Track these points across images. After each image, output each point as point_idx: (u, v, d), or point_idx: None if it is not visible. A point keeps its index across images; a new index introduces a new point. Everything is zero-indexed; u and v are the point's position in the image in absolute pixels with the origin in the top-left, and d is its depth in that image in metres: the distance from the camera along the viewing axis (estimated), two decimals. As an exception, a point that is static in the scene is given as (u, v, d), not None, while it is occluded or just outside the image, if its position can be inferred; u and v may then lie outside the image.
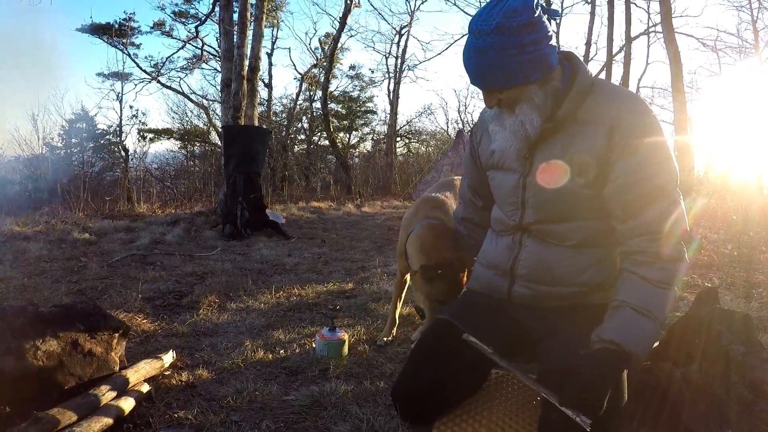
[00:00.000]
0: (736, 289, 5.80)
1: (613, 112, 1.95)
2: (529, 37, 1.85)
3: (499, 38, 1.84)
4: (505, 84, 1.93)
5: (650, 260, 1.92)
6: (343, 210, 13.51)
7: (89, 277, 5.87)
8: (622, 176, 1.94)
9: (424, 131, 31.62)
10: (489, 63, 1.89)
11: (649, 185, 1.92)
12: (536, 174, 2.07)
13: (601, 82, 2.05)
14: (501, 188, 2.27)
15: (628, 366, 1.88)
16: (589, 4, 21.72)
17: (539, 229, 2.17)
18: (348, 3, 21.92)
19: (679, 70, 10.80)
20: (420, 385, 2.21)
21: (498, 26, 1.83)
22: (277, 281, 5.91)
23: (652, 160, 1.93)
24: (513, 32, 1.83)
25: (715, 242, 8.31)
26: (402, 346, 3.91)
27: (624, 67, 18.76)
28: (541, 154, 2.08)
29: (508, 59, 1.86)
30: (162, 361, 3.37)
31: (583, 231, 2.10)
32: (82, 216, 10.62)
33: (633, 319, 1.87)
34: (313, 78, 27.64)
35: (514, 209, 2.21)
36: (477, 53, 1.90)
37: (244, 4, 11.50)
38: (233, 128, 10.47)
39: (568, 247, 2.13)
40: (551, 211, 2.12)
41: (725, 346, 2.53)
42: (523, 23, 1.83)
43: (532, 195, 2.14)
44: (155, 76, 25.46)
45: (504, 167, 2.23)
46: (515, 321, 2.32)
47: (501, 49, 1.84)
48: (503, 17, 1.83)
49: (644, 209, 1.93)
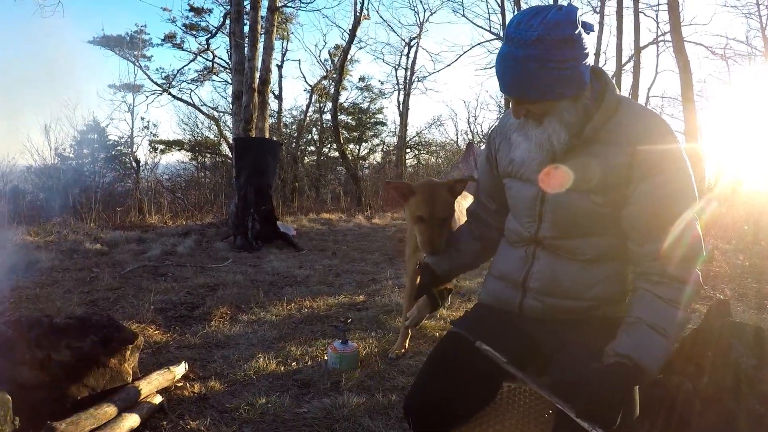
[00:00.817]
0: (748, 300, 5.78)
1: (637, 135, 1.93)
2: (570, 53, 1.83)
3: (539, 50, 1.80)
4: (540, 97, 1.90)
5: (666, 281, 1.91)
6: (353, 222, 13.52)
7: (101, 287, 5.90)
8: (642, 200, 1.93)
9: (433, 143, 31.61)
10: (526, 74, 1.85)
11: (669, 212, 1.91)
12: (549, 180, 2.06)
13: (626, 102, 2.02)
14: (519, 199, 2.26)
15: (641, 381, 1.87)
16: (598, 14, 21.78)
17: (554, 244, 2.17)
18: (357, 15, 21.99)
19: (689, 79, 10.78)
20: (432, 397, 2.21)
21: (540, 38, 1.79)
22: (289, 293, 5.92)
23: (673, 186, 1.91)
24: (554, 46, 1.80)
25: (727, 252, 8.28)
26: (414, 359, 3.91)
27: (633, 76, 18.76)
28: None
29: (546, 72, 1.83)
30: (174, 373, 3.38)
31: (598, 247, 2.10)
32: (93, 227, 10.67)
33: (648, 335, 1.87)
34: (323, 90, 27.70)
35: (530, 221, 2.21)
36: (515, 63, 1.86)
37: (255, 18, 11.57)
38: (244, 140, 10.52)
39: (580, 261, 2.13)
40: (568, 227, 2.12)
41: (736, 358, 2.52)
42: (564, 38, 1.81)
43: (550, 210, 2.13)
44: (166, 87, 25.56)
45: (523, 178, 2.22)
46: (526, 334, 2.31)
47: (540, 61, 1.81)
48: (545, 29, 1.80)
49: (661, 234, 1.91)
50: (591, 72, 2.01)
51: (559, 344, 2.16)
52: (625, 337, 1.90)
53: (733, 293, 6.04)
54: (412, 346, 4.16)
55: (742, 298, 5.86)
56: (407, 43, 28.46)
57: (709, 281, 6.59)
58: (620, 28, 18.10)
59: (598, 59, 22.12)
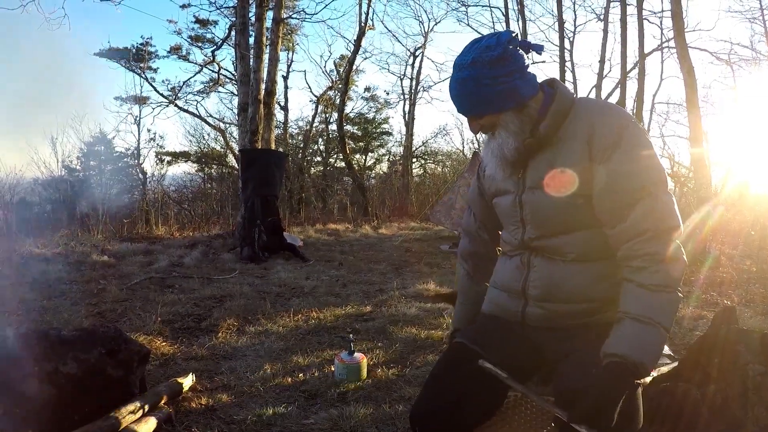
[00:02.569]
0: (755, 305, 5.77)
1: (590, 122, 2.03)
2: (501, 70, 2.01)
3: (474, 71, 2.02)
4: (482, 111, 2.09)
5: (645, 264, 1.92)
6: (360, 232, 13.54)
7: (108, 299, 5.92)
8: (604, 181, 1.98)
9: (439, 152, 31.62)
10: (467, 93, 2.07)
11: (631, 185, 1.94)
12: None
13: (581, 101, 2.14)
14: (504, 212, 2.32)
15: (636, 376, 1.88)
16: (602, 21, 21.79)
17: (541, 245, 2.20)
18: (362, 25, 22.04)
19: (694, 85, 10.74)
20: (438, 408, 2.22)
21: (474, 60, 2.02)
22: (296, 304, 5.93)
23: (630, 161, 1.96)
24: (486, 66, 2.00)
25: (734, 258, 8.27)
26: (420, 369, 3.91)
27: (638, 83, 18.67)
28: (530, 174, 2.14)
29: (482, 89, 2.03)
30: (182, 385, 3.39)
31: (582, 243, 2.12)
32: (100, 238, 10.72)
33: (634, 328, 1.88)
34: (328, 100, 27.77)
35: (516, 228, 2.26)
36: (457, 84, 2.08)
37: (260, 30, 11.63)
38: (250, 152, 10.56)
39: (572, 261, 2.15)
40: (549, 225, 2.15)
41: (743, 365, 2.52)
42: (495, 57, 2.00)
43: (528, 212, 2.18)
44: (172, 99, 25.68)
45: (502, 192, 2.29)
46: (530, 343, 2.32)
47: (476, 80, 2.02)
48: (478, 53, 2.02)
49: (630, 210, 1.94)
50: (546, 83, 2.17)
51: (563, 351, 2.17)
52: (613, 336, 1.92)
53: (740, 299, 6.03)
54: (419, 356, 4.16)
55: (749, 303, 5.85)
56: (412, 53, 28.56)
57: (716, 287, 6.58)
58: (624, 36, 18.09)
59: (602, 66, 22.15)
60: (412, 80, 28.56)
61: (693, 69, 10.88)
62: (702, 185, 10.72)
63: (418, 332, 4.77)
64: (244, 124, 11.56)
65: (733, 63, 21.05)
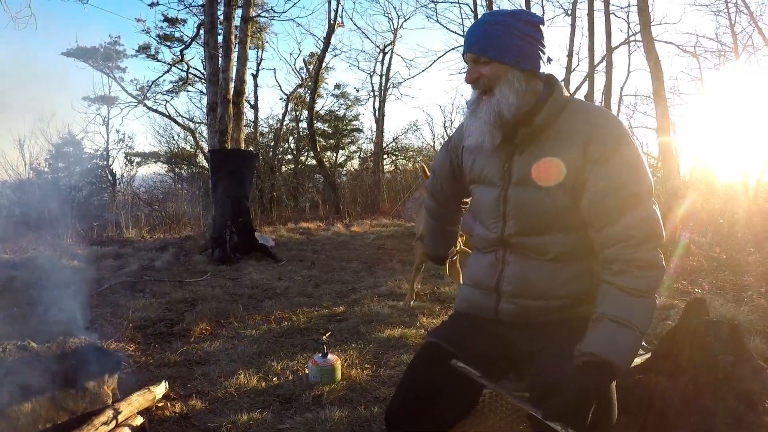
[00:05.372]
0: (725, 293, 5.86)
1: (587, 127, 2.03)
2: (532, 32, 2.06)
3: (509, 19, 2.06)
4: (496, 56, 2.05)
5: (627, 269, 1.95)
6: (332, 230, 13.50)
7: (78, 306, 5.83)
8: (596, 185, 2.00)
9: (410, 148, 31.61)
10: (490, 33, 2.06)
11: (622, 193, 1.98)
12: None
13: (575, 101, 2.16)
14: (482, 203, 2.31)
15: (610, 377, 1.90)
16: (570, 15, 21.99)
17: (519, 243, 2.21)
18: (331, 23, 21.94)
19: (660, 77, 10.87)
20: (412, 408, 2.22)
21: (512, 13, 2.09)
22: (268, 306, 5.91)
23: (625, 169, 1.99)
24: (522, 21, 2.06)
25: (703, 246, 8.40)
26: (395, 369, 3.92)
27: (606, 76, 18.91)
28: (517, 168, 2.14)
29: (509, 36, 2.04)
30: (155, 393, 3.36)
31: (561, 244, 2.14)
32: (70, 242, 10.58)
33: (612, 330, 1.90)
34: (298, 98, 27.63)
35: (495, 222, 2.25)
36: (485, 24, 2.10)
37: (228, 28, 11.55)
38: (220, 152, 10.50)
39: (548, 261, 2.17)
40: (531, 224, 2.16)
41: (714, 356, 2.55)
42: (531, 21, 2.07)
43: (512, 207, 2.18)
44: (141, 99, 25.41)
45: (485, 182, 2.28)
46: (503, 340, 2.34)
47: (506, 26, 2.05)
48: (514, 11, 2.11)
49: (619, 217, 1.97)
50: (545, 77, 2.16)
51: (536, 348, 2.19)
52: (590, 335, 1.94)
53: (711, 286, 6.12)
54: (393, 356, 4.17)
55: (720, 291, 5.95)
56: (382, 49, 28.48)
57: (687, 275, 6.68)
58: (592, 30, 18.25)
59: (570, 60, 22.37)
60: (382, 77, 28.50)
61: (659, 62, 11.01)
62: (670, 175, 10.86)
63: (392, 332, 4.78)
64: (213, 123, 11.48)
65: (699, 55, 21.40)
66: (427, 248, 2.90)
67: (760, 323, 4.57)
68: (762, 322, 4.61)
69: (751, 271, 6.74)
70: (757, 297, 5.38)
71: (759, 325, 4.53)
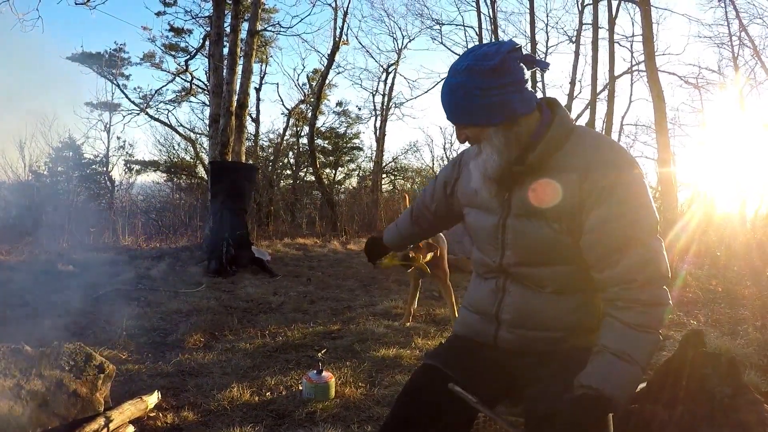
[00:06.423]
0: (721, 326, 5.84)
1: (586, 159, 1.97)
2: (495, 82, 1.92)
3: (466, 78, 1.94)
4: (468, 122, 2.02)
5: (629, 305, 1.93)
6: (328, 247, 13.47)
7: (73, 311, 5.82)
8: (597, 227, 1.95)
9: (409, 168, 31.71)
10: (456, 101, 1.99)
11: (623, 235, 1.93)
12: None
13: (581, 131, 2.07)
14: (479, 228, 2.29)
15: (607, 410, 1.88)
16: (574, 43, 22.16)
17: (519, 272, 2.19)
18: (336, 40, 22.07)
19: (663, 108, 10.95)
20: (407, 429, 2.21)
21: (468, 67, 1.94)
22: (263, 320, 5.89)
23: (626, 209, 1.93)
24: (479, 75, 1.92)
25: (700, 278, 8.38)
26: (389, 389, 3.90)
27: (608, 104, 19.02)
28: (516, 199, 2.12)
29: (472, 99, 1.95)
30: (147, 402, 3.34)
31: (563, 277, 2.12)
32: (66, 246, 10.56)
33: (612, 363, 1.88)
34: (300, 113, 27.69)
35: (494, 250, 2.23)
36: (448, 90, 2.01)
37: (234, 41, 11.61)
38: (221, 164, 10.51)
39: (549, 293, 2.15)
40: (530, 255, 2.14)
41: (711, 388, 2.55)
42: (490, 67, 1.91)
43: (511, 237, 2.16)
44: (144, 107, 25.45)
45: (483, 207, 2.26)
46: (501, 366, 2.32)
47: (466, 89, 1.94)
48: (474, 60, 1.94)
49: (620, 259, 1.93)
50: (545, 103, 2.10)
51: (534, 376, 2.17)
52: (590, 367, 1.91)
53: (707, 319, 6.11)
54: (387, 376, 4.15)
55: (716, 324, 5.93)
56: (385, 69, 28.62)
57: (683, 307, 6.66)
58: (595, 58, 18.38)
59: (573, 87, 22.48)
60: (384, 96, 28.62)
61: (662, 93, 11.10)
62: (669, 206, 10.88)
63: (387, 351, 4.76)
64: (215, 135, 11.50)
65: (701, 87, 21.46)
66: (387, 240, 2.89)
67: (755, 357, 4.56)
68: (757, 355, 4.59)
69: (747, 305, 6.73)
70: (753, 331, 5.36)
71: (754, 358, 4.51)
